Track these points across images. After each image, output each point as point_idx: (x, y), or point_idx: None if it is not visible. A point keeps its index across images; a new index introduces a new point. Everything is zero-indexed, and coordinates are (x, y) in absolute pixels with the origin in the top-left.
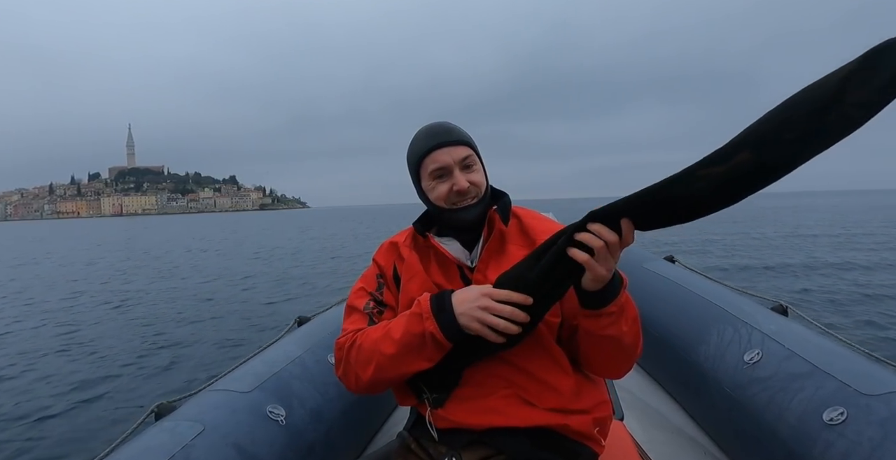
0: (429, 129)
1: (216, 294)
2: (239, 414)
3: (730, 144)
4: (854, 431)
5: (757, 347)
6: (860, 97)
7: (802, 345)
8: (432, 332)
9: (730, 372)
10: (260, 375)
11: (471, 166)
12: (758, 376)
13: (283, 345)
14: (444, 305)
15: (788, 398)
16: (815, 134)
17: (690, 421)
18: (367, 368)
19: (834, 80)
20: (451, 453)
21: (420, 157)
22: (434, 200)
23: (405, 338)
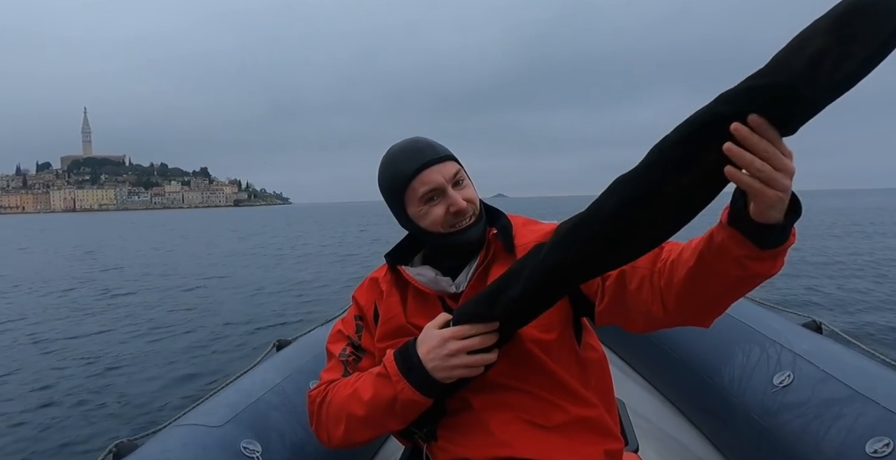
0: (406, 148)
1: (182, 311)
2: (209, 451)
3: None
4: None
5: (788, 369)
6: (833, 79)
7: (840, 367)
8: (409, 397)
9: (758, 397)
10: (234, 406)
11: (461, 182)
12: (789, 401)
13: (260, 371)
14: (412, 362)
15: (825, 426)
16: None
17: (714, 451)
18: (337, 427)
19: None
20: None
21: (405, 181)
22: (428, 227)
23: (375, 400)
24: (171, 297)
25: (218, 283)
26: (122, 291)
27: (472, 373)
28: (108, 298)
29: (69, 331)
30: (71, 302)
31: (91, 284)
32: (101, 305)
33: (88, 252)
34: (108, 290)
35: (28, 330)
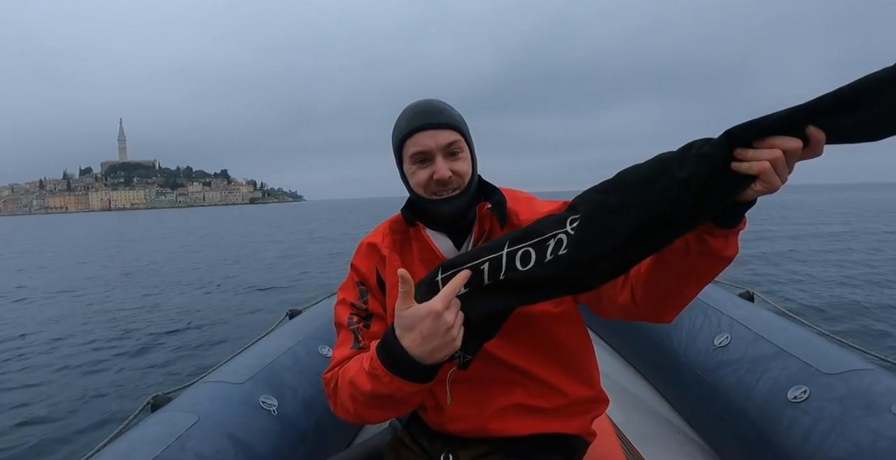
0: (415, 108)
1: (213, 288)
2: (233, 404)
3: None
4: (816, 408)
5: (726, 332)
6: None
7: (768, 329)
8: (409, 391)
9: (701, 356)
10: (253, 367)
11: (456, 153)
12: (727, 359)
13: (274, 337)
14: (398, 357)
15: (755, 378)
16: None
17: (665, 403)
18: (355, 412)
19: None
20: (446, 450)
21: (402, 138)
22: (413, 187)
23: (376, 395)
24: (200, 276)
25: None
26: (160, 273)
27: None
28: (153, 276)
29: (120, 303)
30: (124, 280)
31: (139, 267)
32: (147, 282)
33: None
34: (152, 271)
35: (88, 299)
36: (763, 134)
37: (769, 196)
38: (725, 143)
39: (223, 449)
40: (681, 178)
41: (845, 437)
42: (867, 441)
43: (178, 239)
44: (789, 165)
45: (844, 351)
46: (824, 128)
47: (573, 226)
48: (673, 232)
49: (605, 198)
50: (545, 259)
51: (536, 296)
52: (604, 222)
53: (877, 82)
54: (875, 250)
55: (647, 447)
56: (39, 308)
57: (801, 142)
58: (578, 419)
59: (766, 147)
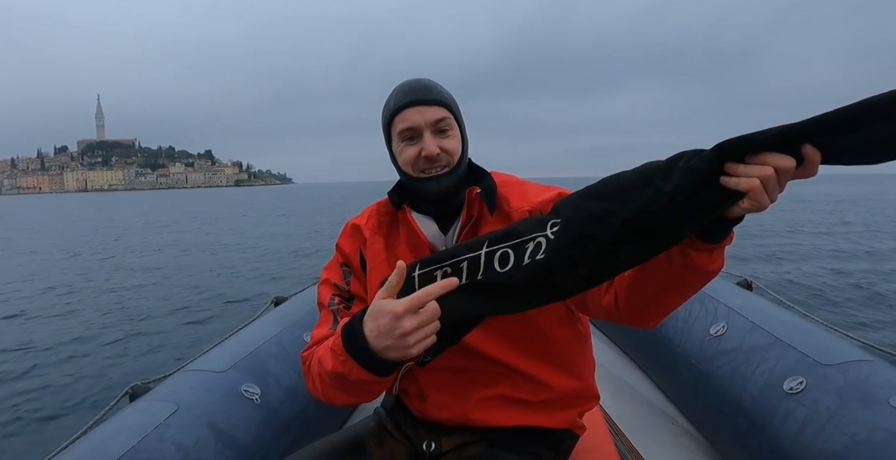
0: (404, 86)
1: (193, 273)
2: (213, 393)
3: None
4: (812, 399)
5: (722, 321)
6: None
7: (765, 318)
8: (361, 378)
9: (696, 346)
10: (235, 355)
11: (445, 131)
12: (723, 348)
13: (258, 324)
14: (358, 343)
15: (751, 369)
16: None
17: (659, 393)
18: (325, 392)
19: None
20: (430, 437)
21: (390, 116)
22: (402, 165)
23: (336, 374)
24: (178, 259)
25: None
26: (137, 254)
27: (424, 348)
28: (126, 257)
29: (91, 286)
30: (90, 262)
31: (111, 249)
32: (115, 264)
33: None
34: (126, 254)
35: (53, 283)
36: (756, 150)
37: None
38: (716, 157)
39: (203, 438)
40: (665, 191)
41: (842, 430)
42: (864, 433)
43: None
44: (780, 184)
45: (843, 342)
46: (821, 148)
47: (553, 230)
48: (655, 243)
49: (587, 204)
50: (523, 262)
51: (511, 303)
52: (584, 229)
53: (882, 105)
54: (873, 233)
55: (641, 438)
56: (7, 294)
57: (794, 160)
58: (565, 413)
59: (757, 163)
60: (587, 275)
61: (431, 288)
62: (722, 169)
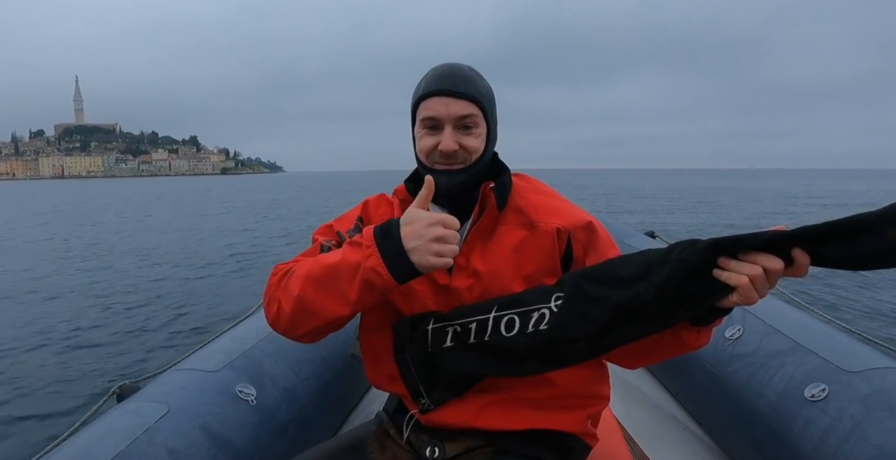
0: (438, 70)
1: (182, 269)
2: (206, 394)
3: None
4: (836, 408)
5: (738, 323)
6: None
7: (784, 322)
8: (373, 266)
9: (710, 349)
10: (229, 353)
11: (469, 128)
12: (739, 352)
13: (254, 321)
14: (390, 233)
15: (769, 374)
16: None
17: (670, 398)
18: (291, 294)
19: None
20: (433, 442)
21: (418, 100)
22: (417, 151)
23: (339, 263)
24: (167, 251)
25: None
26: (123, 244)
27: (443, 265)
28: (109, 249)
29: (74, 281)
30: (73, 253)
31: (94, 238)
32: (101, 256)
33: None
34: (111, 243)
35: (36, 280)
36: (747, 249)
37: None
38: (708, 251)
39: (196, 442)
40: (656, 282)
41: (868, 440)
42: (892, 444)
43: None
44: (770, 282)
45: (867, 348)
46: (810, 253)
47: (557, 303)
48: (646, 327)
49: (587, 286)
50: (527, 330)
51: (512, 367)
52: (583, 308)
53: (875, 221)
54: None
55: (650, 444)
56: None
57: (782, 262)
58: (572, 414)
59: (748, 261)
60: (583, 351)
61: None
62: (715, 262)
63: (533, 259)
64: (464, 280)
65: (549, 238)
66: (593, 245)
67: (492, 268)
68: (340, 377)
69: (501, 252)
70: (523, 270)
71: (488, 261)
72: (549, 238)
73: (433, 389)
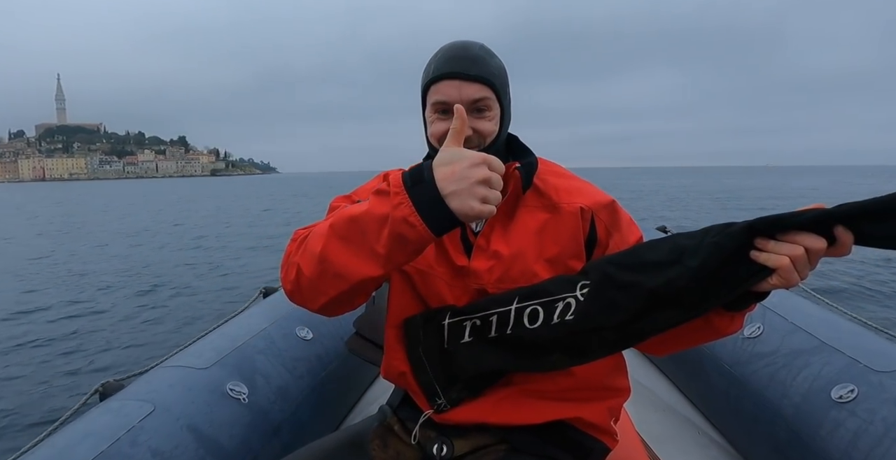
0: (449, 50)
1: (169, 263)
2: (195, 392)
3: None
4: (866, 409)
5: (758, 321)
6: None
7: (807, 319)
8: (403, 216)
9: (728, 348)
10: (220, 350)
11: (483, 111)
12: (759, 351)
13: (246, 317)
14: (422, 177)
15: (793, 374)
16: None
17: (685, 399)
18: (313, 254)
19: None
20: (440, 439)
21: (427, 83)
22: (429, 136)
23: (365, 214)
24: (156, 247)
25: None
26: (107, 241)
27: (489, 213)
28: (94, 247)
29: (54, 277)
30: (57, 250)
31: (77, 238)
32: (87, 253)
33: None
34: (94, 242)
35: (15, 276)
36: (787, 229)
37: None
38: (744, 234)
39: (183, 442)
40: (691, 267)
41: None
42: None
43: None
44: (811, 262)
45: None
46: (853, 231)
47: (583, 292)
48: (680, 314)
49: (615, 272)
50: (552, 321)
51: (535, 361)
52: (612, 296)
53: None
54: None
55: (664, 448)
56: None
57: (825, 241)
58: (592, 406)
59: (788, 241)
60: (612, 341)
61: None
62: (752, 244)
63: (556, 241)
64: (484, 261)
65: (573, 218)
66: (616, 225)
67: (514, 250)
68: (337, 375)
69: (524, 234)
70: (546, 253)
71: (511, 243)
72: (574, 218)
73: (450, 388)
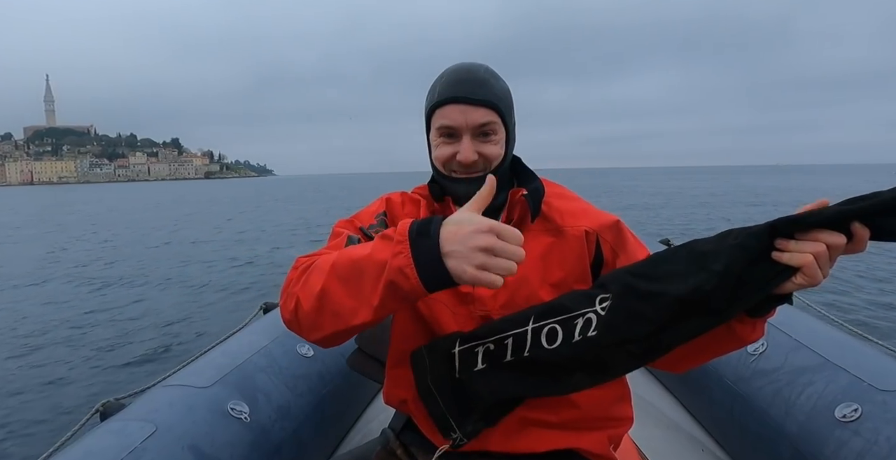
0: (454, 74)
1: (171, 278)
2: (196, 411)
3: None
4: (870, 429)
5: (762, 338)
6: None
7: (811, 337)
8: (400, 265)
9: (732, 365)
10: (221, 368)
11: (488, 135)
12: (763, 368)
13: (246, 334)
14: (427, 231)
15: (796, 392)
16: None
17: (688, 416)
18: (312, 290)
19: None
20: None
21: (432, 106)
22: (434, 159)
23: (366, 258)
24: (155, 261)
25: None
26: (105, 258)
27: (489, 282)
28: (92, 263)
29: (55, 295)
30: (56, 265)
31: (73, 252)
32: (84, 270)
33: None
34: (91, 258)
35: (14, 292)
36: (807, 229)
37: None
38: (766, 234)
39: None
40: (716, 271)
41: None
42: None
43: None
44: (832, 259)
45: None
46: (870, 226)
47: (603, 305)
48: (707, 321)
49: (637, 283)
50: (573, 339)
51: (556, 384)
52: (636, 308)
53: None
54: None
55: None
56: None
57: (845, 237)
58: (593, 435)
59: (809, 239)
60: (638, 354)
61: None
62: (772, 245)
63: (562, 265)
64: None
65: (577, 242)
66: (622, 245)
67: (519, 275)
68: (338, 393)
69: (528, 259)
70: (551, 277)
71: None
72: (578, 242)
73: (465, 421)
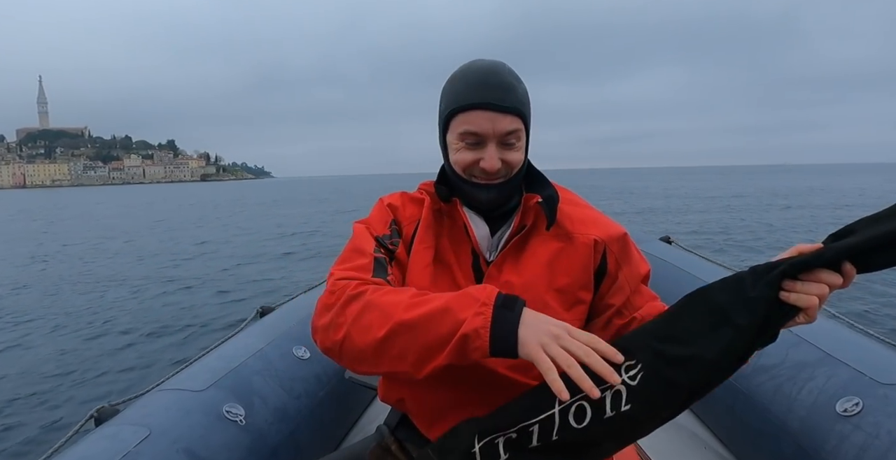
0: (479, 75)
1: (166, 281)
2: (191, 415)
3: None
4: (871, 423)
5: None
6: None
7: (811, 331)
8: (476, 327)
9: None
10: (216, 371)
11: (512, 143)
12: (763, 364)
13: (243, 337)
14: (513, 305)
15: (797, 387)
16: None
17: (689, 413)
18: (372, 335)
19: None
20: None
21: (454, 110)
22: (453, 163)
23: (439, 313)
24: (147, 266)
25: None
26: (99, 260)
27: (542, 362)
28: (85, 266)
29: (48, 299)
30: (48, 270)
31: (70, 255)
32: (78, 273)
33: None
34: (85, 260)
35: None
36: (811, 269)
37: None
38: (779, 280)
39: None
40: (743, 326)
41: None
42: None
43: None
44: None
45: None
46: (856, 264)
47: (630, 374)
48: (729, 374)
49: (666, 348)
50: (604, 415)
51: (584, 457)
52: (669, 375)
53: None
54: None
55: None
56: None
57: (842, 278)
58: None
59: (812, 281)
60: (668, 417)
61: (600, 343)
62: (780, 285)
63: (567, 271)
64: None
65: (586, 249)
66: (626, 258)
67: (525, 279)
68: (335, 395)
69: (535, 264)
70: (557, 283)
71: (522, 273)
72: (587, 249)
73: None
